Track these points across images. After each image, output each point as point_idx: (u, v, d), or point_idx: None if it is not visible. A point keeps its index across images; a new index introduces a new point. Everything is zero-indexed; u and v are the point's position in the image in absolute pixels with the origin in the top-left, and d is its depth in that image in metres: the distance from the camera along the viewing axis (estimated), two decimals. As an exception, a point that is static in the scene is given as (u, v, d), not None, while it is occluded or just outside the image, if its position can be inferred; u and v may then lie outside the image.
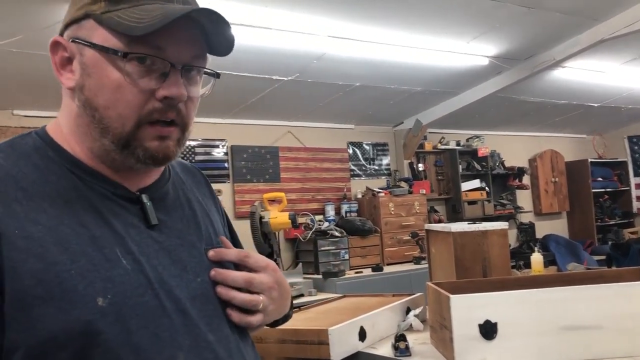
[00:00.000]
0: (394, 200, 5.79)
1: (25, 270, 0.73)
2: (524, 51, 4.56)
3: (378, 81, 4.84)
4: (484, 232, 2.18)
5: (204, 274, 0.89)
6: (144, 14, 0.79)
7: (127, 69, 0.80)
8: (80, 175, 0.84)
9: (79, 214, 0.80)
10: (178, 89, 0.82)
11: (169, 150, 0.85)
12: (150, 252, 0.84)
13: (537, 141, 7.73)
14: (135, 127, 0.82)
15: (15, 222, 0.75)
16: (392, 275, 5.02)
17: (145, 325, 0.78)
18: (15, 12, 2.93)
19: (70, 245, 0.76)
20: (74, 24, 0.84)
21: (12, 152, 0.83)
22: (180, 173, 1.03)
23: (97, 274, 0.76)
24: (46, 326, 0.72)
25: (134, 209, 0.87)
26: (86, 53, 0.82)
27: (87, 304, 0.74)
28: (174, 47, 0.81)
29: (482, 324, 1.51)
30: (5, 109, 4.41)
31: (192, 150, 5.24)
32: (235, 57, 3.84)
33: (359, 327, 1.85)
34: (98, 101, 0.81)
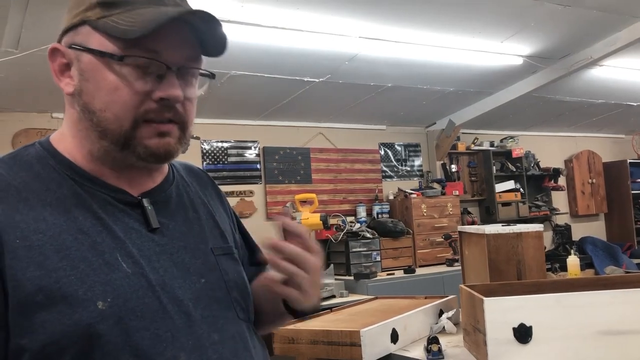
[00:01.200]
0: (426, 202, 5.74)
1: (26, 278, 0.74)
2: (560, 50, 4.47)
3: (410, 82, 4.81)
4: (519, 234, 2.14)
5: (208, 275, 0.90)
6: (138, 18, 0.81)
7: (123, 72, 0.82)
8: (80, 182, 0.85)
9: (78, 221, 0.81)
10: (174, 91, 0.84)
11: (170, 146, 0.87)
12: (152, 255, 0.85)
13: (573, 141, 7.58)
14: (132, 127, 0.83)
15: (16, 232, 0.77)
16: (424, 277, 4.98)
17: (146, 327, 0.79)
18: (55, 17, 3.01)
19: (71, 252, 0.78)
20: (70, 30, 0.86)
21: (15, 163, 0.85)
22: (185, 176, 1.04)
23: (96, 279, 0.78)
24: (48, 331, 0.74)
25: (135, 213, 0.88)
26: (83, 58, 0.84)
27: (87, 308, 0.76)
28: (169, 49, 0.83)
29: (517, 327, 1.49)
30: (44, 111, 4.53)
31: (224, 151, 5.30)
32: (266, 59, 3.90)
33: (391, 329, 1.85)
34: (95, 104, 0.83)
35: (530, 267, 2.14)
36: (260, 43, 3.62)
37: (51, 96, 4.22)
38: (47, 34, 3.10)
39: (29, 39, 3.14)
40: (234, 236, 1.06)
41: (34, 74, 3.70)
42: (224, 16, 3.20)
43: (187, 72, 0.87)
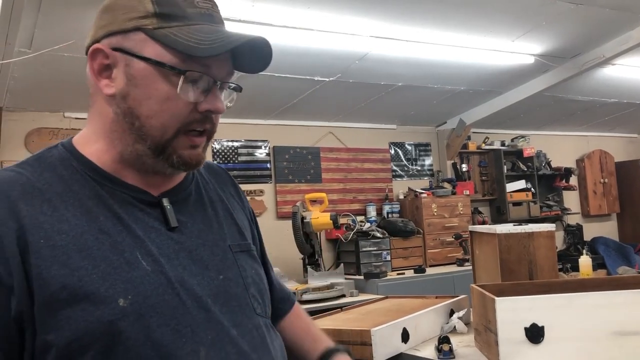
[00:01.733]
0: (436, 201, 5.73)
1: (51, 276, 0.78)
2: (572, 49, 4.44)
3: (421, 81, 4.80)
4: (530, 233, 2.13)
5: (226, 272, 0.93)
6: (202, 36, 0.84)
7: (177, 83, 0.85)
8: (101, 183, 0.88)
9: (99, 221, 0.85)
10: (219, 104, 0.89)
11: (200, 157, 0.92)
12: (171, 253, 0.88)
13: (585, 141, 7.53)
14: (173, 136, 0.88)
15: (41, 232, 0.80)
16: (434, 277, 4.97)
17: (166, 323, 0.82)
18: (68, 17, 3.03)
19: (92, 251, 0.81)
20: (119, 34, 0.87)
21: (39, 165, 0.88)
22: (204, 173, 1.07)
23: (117, 277, 0.81)
24: (72, 327, 0.77)
25: (154, 212, 0.91)
26: (134, 65, 0.86)
27: (109, 305, 0.79)
28: (217, 65, 0.89)
29: (529, 327, 1.48)
30: (57, 111, 4.56)
31: (235, 151, 5.31)
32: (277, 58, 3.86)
33: (402, 328, 1.84)
34: (142, 110, 0.86)
35: (542, 267, 2.12)
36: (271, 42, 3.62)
37: (64, 96, 4.26)
38: (60, 34, 3.13)
39: (42, 38, 3.17)
40: (252, 233, 1.09)
41: (46, 73, 3.73)
42: (235, 15, 3.21)
43: (224, 87, 0.93)
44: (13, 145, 4.39)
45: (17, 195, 0.82)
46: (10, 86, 3.77)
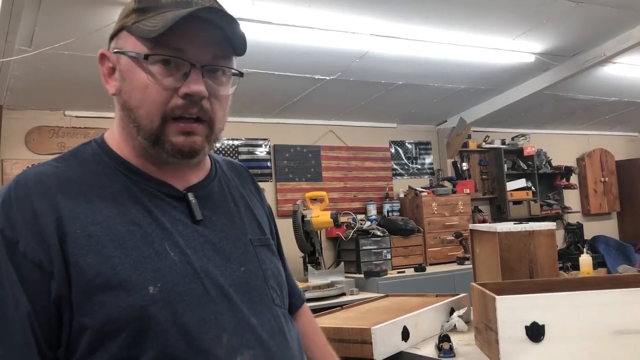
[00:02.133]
0: (437, 200, 5.73)
1: (86, 264, 0.83)
2: (573, 47, 4.43)
3: (421, 79, 4.79)
4: (531, 232, 2.12)
5: (247, 264, 0.98)
6: (161, 19, 0.87)
7: (151, 70, 0.89)
8: (131, 177, 0.94)
9: (130, 213, 0.90)
10: (197, 87, 0.89)
11: (196, 145, 0.93)
12: (196, 245, 0.93)
13: (585, 140, 7.53)
14: (161, 124, 0.90)
15: (77, 223, 0.85)
16: (435, 275, 4.97)
17: (192, 310, 0.87)
18: (68, 16, 3.03)
19: (124, 241, 0.87)
20: (114, 37, 0.95)
21: (74, 160, 0.94)
22: (227, 171, 1.12)
23: (147, 266, 0.86)
24: (105, 312, 0.82)
25: (180, 206, 0.96)
26: (122, 60, 0.92)
27: (140, 292, 0.84)
28: (193, 48, 0.89)
29: (529, 326, 1.48)
30: (57, 109, 4.56)
31: (235, 149, 5.31)
32: (277, 57, 3.90)
33: (402, 327, 1.84)
34: (131, 102, 0.91)
35: (543, 265, 2.12)
36: (271, 41, 3.62)
37: (64, 94, 4.26)
38: (60, 32, 3.13)
39: (42, 37, 3.17)
40: (270, 229, 1.14)
41: (47, 72, 3.73)
42: (235, 14, 3.20)
43: (215, 70, 0.93)
44: (13, 144, 4.39)
45: (55, 188, 0.87)
46: (11, 84, 3.76)
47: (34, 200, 0.85)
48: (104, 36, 3.10)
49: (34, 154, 4.46)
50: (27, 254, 0.82)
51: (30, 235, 0.83)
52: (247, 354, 0.90)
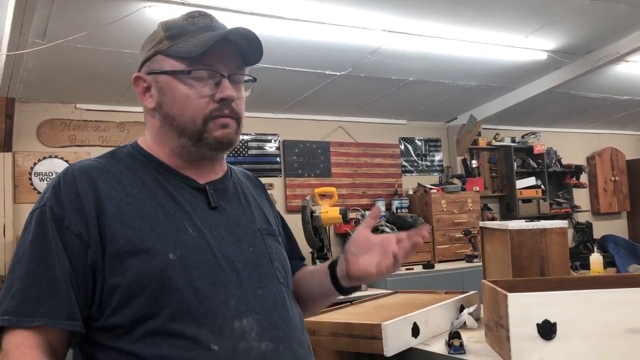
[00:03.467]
0: (446, 197, 5.71)
1: (119, 235, 1.03)
2: (585, 45, 4.40)
3: (432, 76, 4.78)
4: (542, 230, 2.12)
5: (255, 246, 1.15)
6: (197, 42, 1.09)
7: (191, 83, 1.11)
8: (160, 171, 1.14)
9: (157, 197, 1.10)
10: (229, 92, 1.12)
11: (231, 136, 1.14)
12: (212, 225, 1.11)
13: (596, 138, 7.48)
14: (203, 124, 1.11)
15: (113, 203, 1.06)
16: (443, 272, 4.96)
17: (205, 276, 1.04)
18: (82, 9, 3.04)
19: (150, 218, 1.06)
20: (147, 61, 1.16)
21: (112, 157, 1.16)
22: (241, 177, 1.32)
23: (169, 238, 1.05)
24: (133, 272, 1.01)
25: (200, 196, 1.15)
26: (160, 79, 1.13)
27: (162, 258, 1.02)
28: (221, 63, 1.12)
29: (541, 323, 1.47)
30: (69, 102, 4.58)
31: (245, 144, 5.32)
32: (288, 52, 3.90)
33: (412, 323, 1.84)
34: (174, 111, 1.12)
35: (554, 263, 2.11)
36: (283, 36, 3.62)
37: (76, 87, 4.27)
38: (73, 25, 3.14)
39: (55, 30, 3.18)
40: (278, 228, 1.32)
41: (59, 64, 3.75)
42: (247, 9, 3.20)
43: (236, 79, 1.15)
44: (25, 136, 4.41)
45: (96, 176, 1.08)
46: (24, 77, 3.78)
47: (78, 185, 1.05)
48: (116, 30, 3.14)
49: (46, 146, 4.49)
50: (70, 227, 1.03)
51: (74, 212, 1.03)
52: (252, 318, 1.05)
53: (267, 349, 1.05)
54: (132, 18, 3.04)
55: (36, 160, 4.43)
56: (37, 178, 4.40)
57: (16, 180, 4.35)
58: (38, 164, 4.42)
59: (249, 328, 1.04)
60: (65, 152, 4.53)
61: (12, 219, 4.25)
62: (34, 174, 4.40)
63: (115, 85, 4.13)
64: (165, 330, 0.99)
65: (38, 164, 4.42)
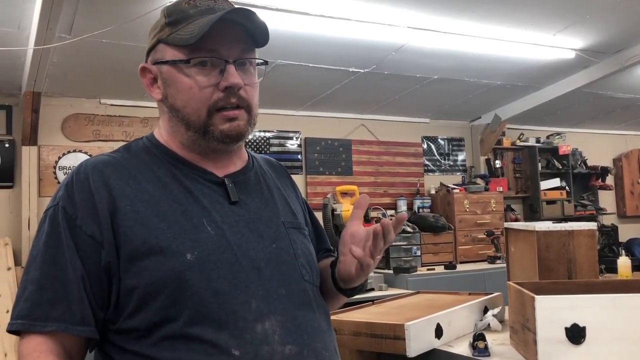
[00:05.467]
0: (469, 197, 5.65)
1: (134, 234, 0.98)
2: (615, 44, 4.31)
3: (457, 74, 4.72)
4: (570, 231, 2.07)
5: (279, 242, 1.09)
6: (195, 27, 1.01)
7: (192, 73, 1.04)
8: (176, 165, 1.08)
9: (173, 193, 1.04)
10: (234, 79, 1.03)
11: (240, 128, 1.07)
12: (232, 222, 1.05)
13: (623, 140, 7.35)
14: (207, 116, 1.04)
15: (127, 201, 1.01)
16: (465, 273, 4.91)
17: (224, 277, 0.98)
18: (107, 4, 3.05)
19: (167, 216, 1.01)
20: (151, 51, 1.10)
21: (127, 152, 1.11)
22: (263, 165, 1.24)
23: (186, 237, 0.99)
24: (149, 274, 0.96)
25: (219, 189, 1.09)
26: (163, 69, 1.07)
27: (179, 259, 0.97)
28: (224, 47, 1.04)
29: (569, 327, 1.44)
30: (93, 97, 4.62)
31: (266, 141, 5.32)
32: (312, 49, 3.88)
33: (436, 324, 1.81)
34: (178, 103, 1.06)
35: (582, 266, 2.06)
36: (307, 32, 3.61)
37: (100, 82, 4.31)
38: (99, 21, 3.16)
39: (81, 25, 3.20)
40: (305, 218, 1.25)
41: (85, 59, 3.78)
42: (272, 5, 3.19)
43: (244, 63, 1.07)
44: (50, 130, 4.47)
45: (109, 173, 1.03)
46: (50, 71, 3.82)
47: (91, 183, 1.01)
48: (142, 25, 3.15)
49: (70, 141, 4.54)
50: (82, 227, 0.99)
51: (86, 211, 0.99)
52: (274, 320, 0.99)
53: (291, 353, 0.99)
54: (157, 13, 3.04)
55: (60, 155, 4.48)
56: (61, 172, 4.45)
57: (41, 173, 4.40)
58: (62, 158, 4.47)
59: (271, 331, 0.98)
60: (89, 146, 4.57)
61: (37, 212, 4.30)
62: (59, 167, 4.45)
63: (139, 80, 4.08)
64: (184, 334, 0.95)
65: (62, 158, 4.47)
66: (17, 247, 4.21)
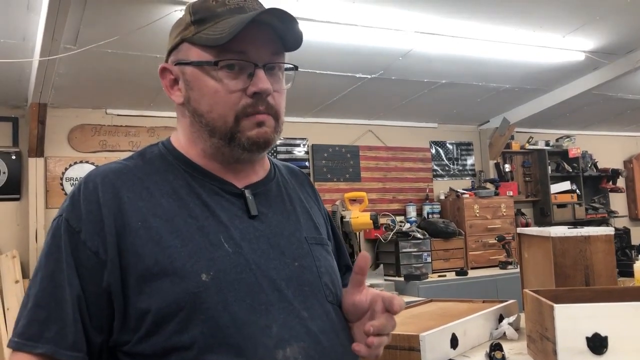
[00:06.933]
0: (479, 202, 5.60)
1: (146, 253, 0.91)
2: (626, 45, 4.25)
3: (465, 78, 4.68)
4: (587, 237, 2.02)
5: (301, 260, 1.01)
6: (225, 27, 0.94)
7: (219, 76, 0.96)
8: (193, 175, 1.01)
9: (189, 207, 0.97)
10: (264, 85, 0.96)
11: (267, 135, 0.99)
12: (251, 238, 0.97)
13: (634, 141, 7.30)
14: (235, 122, 0.97)
15: (139, 215, 0.93)
16: (476, 280, 4.85)
17: (242, 299, 0.91)
18: (113, 13, 3.04)
19: (181, 232, 0.93)
20: (173, 50, 1.02)
21: (141, 159, 1.03)
22: (285, 174, 1.17)
23: (202, 255, 0.92)
24: (162, 296, 0.89)
25: (238, 202, 1.01)
26: (187, 71, 0.99)
27: (193, 279, 0.90)
28: (254, 49, 0.96)
29: (591, 337, 1.40)
30: (99, 107, 4.62)
31: (273, 148, 5.29)
32: (319, 55, 3.85)
33: (451, 333, 1.77)
34: (202, 108, 0.98)
35: (599, 272, 2.01)
36: (313, 39, 3.58)
37: (106, 92, 4.30)
38: (104, 30, 3.14)
39: (87, 35, 3.19)
40: (327, 232, 1.18)
41: (90, 70, 3.77)
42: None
43: (273, 67, 1.00)
44: (57, 141, 4.46)
45: (120, 184, 0.96)
46: (56, 82, 3.81)
47: (99, 194, 0.94)
48: (147, 34, 3.13)
49: (77, 152, 4.52)
50: (87, 242, 0.91)
51: (92, 225, 0.92)
52: (297, 346, 0.92)
53: None
54: (163, 22, 3.02)
55: (67, 166, 4.47)
56: (68, 183, 4.43)
57: (48, 185, 4.39)
58: (69, 169, 4.46)
59: (293, 358, 0.91)
60: (96, 157, 4.56)
61: (45, 224, 4.28)
62: (65, 179, 4.44)
63: (145, 90, 4.14)
64: None
65: (69, 169, 4.46)
66: (24, 260, 4.20)
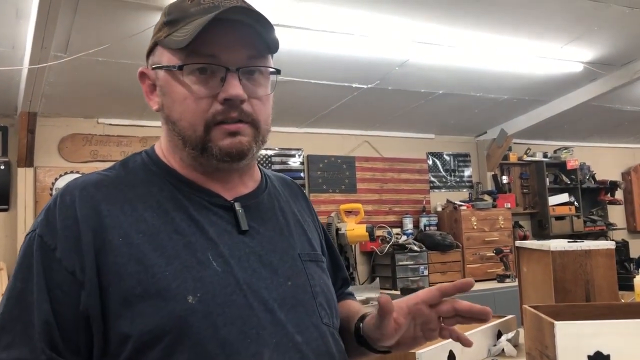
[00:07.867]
0: (476, 214, 5.54)
1: (127, 273, 0.83)
2: (624, 56, 4.22)
3: (462, 89, 4.64)
4: (587, 251, 1.97)
5: (295, 278, 0.94)
6: (191, 28, 0.87)
7: (185, 81, 0.89)
8: (179, 187, 0.93)
9: (175, 222, 0.89)
10: (234, 90, 0.88)
11: (242, 145, 0.91)
12: (241, 255, 0.90)
13: (631, 153, 7.27)
14: (205, 131, 0.89)
15: (120, 231, 0.86)
16: (474, 293, 4.76)
17: (232, 322, 0.84)
18: (104, 21, 2.98)
19: (166, 250, 0.86)
20: (150, 53, 0.96)
21: (123, 169, 0.96)
22: (278, 186, 1.09)
23: (188, 275, 0.85)
24: (145, 320, 0.81)
25: (227, 216, 0.93)
26: (160, 75, 0.93)
27: (178, 302, 0.82)
28: (226, 52, 0.89)
29: (593, 355, 1.36)
30: (90, 117, 4.55)
31: (268, 159, 5.23)
32: (314, 65, 3.81)
33: (448, 350, 1.72)
34: (174, 115, 0.92)
35: (601, 287, 1.96)
36: (308, 49, 3.53)
37: (97, 101, 4.24)
38: (95, 38, 3.09)
39: (77, 43, 3.13)
40: (321, 247, 1.10)
41: (81, 78, 3.71)
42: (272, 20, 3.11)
43: (252, 71, 0.92)
44: (47, 151, 4.39)
45: (101, 197, 0.88)
46: (46, 91, 3.75)
47: (77, 208, 0.86)
48: (138, 43, 3.07)
49: (67, 161, 4.45)
50: (62, 260, 0.84)
51: (68, 242, 0.84)
52: None
53: None
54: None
55: (57, 176, 4.39)
56: (59, 193, 4.36)
57: (37, 196, 4.31)
58: (59, 180, 4.39)
59: None
60: (87, 167, 4.48)
61: (34, 234, 4.20)
62: (55, 189, 4.36)
63: (137, 99, 4.07)
64: None
65: (59, 179, 4.39)
66: (12, 272, 4.11)
